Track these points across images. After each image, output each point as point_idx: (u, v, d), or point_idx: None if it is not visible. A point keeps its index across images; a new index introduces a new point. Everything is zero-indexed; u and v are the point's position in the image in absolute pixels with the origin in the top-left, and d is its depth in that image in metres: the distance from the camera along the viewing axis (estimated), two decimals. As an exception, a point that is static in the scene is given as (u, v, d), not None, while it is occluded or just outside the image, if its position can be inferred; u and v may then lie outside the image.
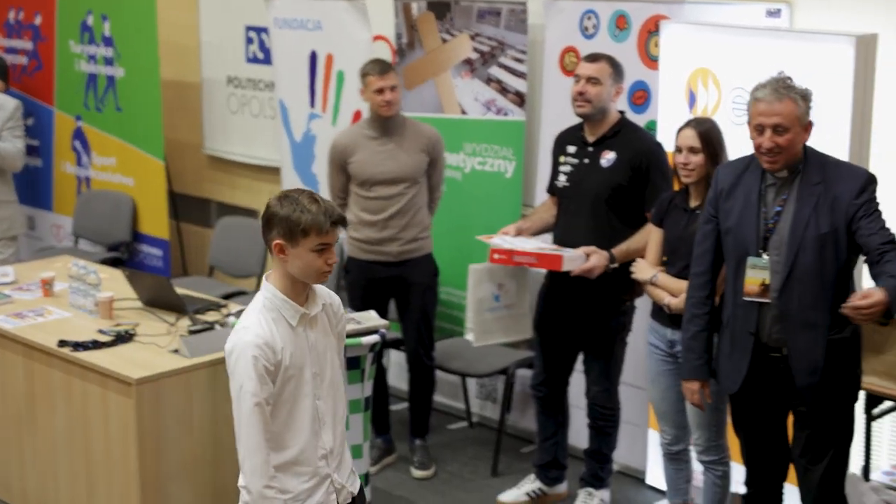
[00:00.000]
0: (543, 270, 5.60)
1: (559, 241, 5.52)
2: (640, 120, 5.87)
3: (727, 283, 4.57)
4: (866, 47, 4.96)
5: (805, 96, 4.32)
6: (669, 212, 5.07)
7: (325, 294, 3.82)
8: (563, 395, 5.83)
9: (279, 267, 3.65)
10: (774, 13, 5.55)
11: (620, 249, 5.35)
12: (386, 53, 7.08)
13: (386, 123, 6.04)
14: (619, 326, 5.56)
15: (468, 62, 6.69)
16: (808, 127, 4.35)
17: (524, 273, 5.70)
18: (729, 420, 4.88)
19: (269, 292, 3.66)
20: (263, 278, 3.70)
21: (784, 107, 4.28)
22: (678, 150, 4.93)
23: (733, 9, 5.63)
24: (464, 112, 6.77)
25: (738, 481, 5.10)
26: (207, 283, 7.52)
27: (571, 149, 5.54)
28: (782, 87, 4.31)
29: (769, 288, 4.39)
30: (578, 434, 5.99)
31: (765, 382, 4.50)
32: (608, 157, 5.41)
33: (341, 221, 3.61)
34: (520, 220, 5.71)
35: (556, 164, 5.62)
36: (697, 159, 4.89)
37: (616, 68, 5.42)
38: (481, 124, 6.66)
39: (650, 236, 5.18)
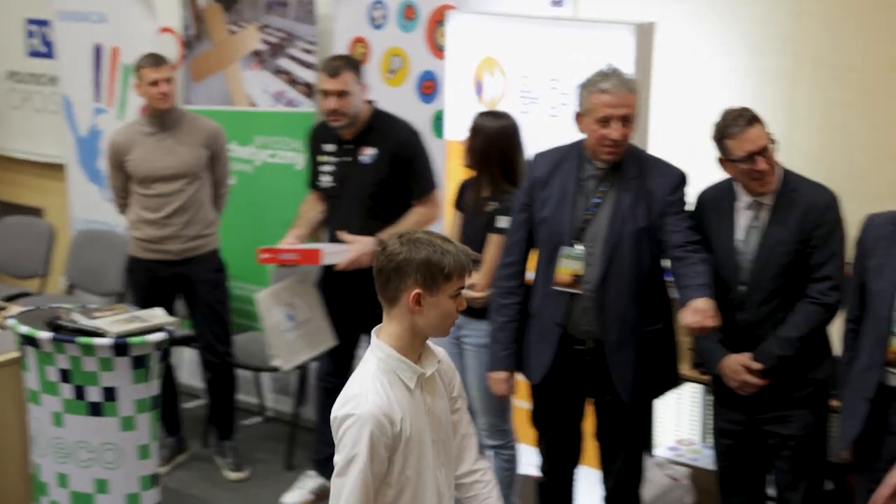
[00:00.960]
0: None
1: (336, 242, 5.46)
2: (428, 110, 5.93)
3: (538, 273, 4.58)
4: (645, 35, 5.10)
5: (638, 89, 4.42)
6: (463, 195, 5.13)
7: (438, 350, 3.32)
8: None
9: (403, 321, 3.13)
10: (558, 2, 5.68)
11: (387, 233, 5.25)
12: (173, 46, 6.95)
13: (163, 118, 5.92)
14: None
15: (257, 54, 6.63)
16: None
17: (310, 286, 5.68)
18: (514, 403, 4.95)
19: (382, 352, 3.16)
20: (373, 335, 3.22)
21: (632, 98, 4.35)
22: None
23: (518, -2, 5.73)
24: (253, 104, 6.70)
25: (526, 462, 5.18)
26: (-12, 285, 7.26)
27: (329, 147, 5.50)
28: (625, 77, 4.37)
29: (581, 279, 4.44)
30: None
31: (568, 374, 4.56)
32: (369, 154, 5.39)
33: (478, 259, 3.27)
34: (296, 229, 5.60)
35: (315, 163, 5.58)
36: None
37: (356, 68, 5.41)
38: (271, 116, 6.60)
39: (452, 223, 5.20)
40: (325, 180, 5.52)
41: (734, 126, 4.26)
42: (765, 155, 4.24)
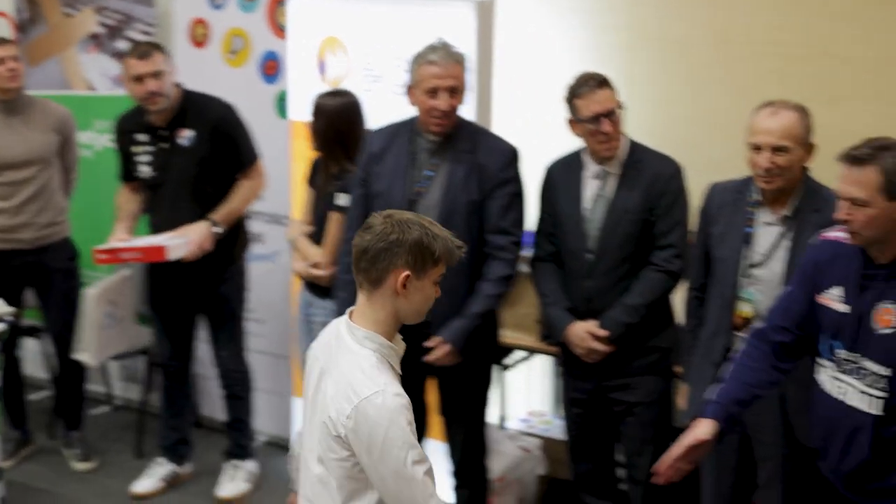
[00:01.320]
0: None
1: (166, 230, 5.33)
2: (271, 91, 5.89)
3: None
4: (485, 12, 5.15)
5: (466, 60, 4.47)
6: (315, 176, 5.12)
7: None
8: (189, 368, 5.78)
9: (386, 304, 3.00)
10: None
11: (220, 212, 5.31)
12: (6, 30, 6.76)
13: (12, 103, 5.73)
14: (232, 289, 5.54)
15: (94, 37, 6.50)
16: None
17: (131, 284, 5.60)
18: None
19: (375, 342, 3.01)
20: (349, 322, 3.05)
21: (459, 69, 4.39)
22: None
23: (358, -23, 5.73)
24: (92, 88, 6.56)
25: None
26: None
27: (142, 137, 5.39)
28: (453, 50, 4.41)
29: None
30: (215, 407, 5.95)
31: (407, 349, 4.56)
32: (186, 136, 5.30)
33: (462, 247, 3.10)
34: (122, 222, 5.47)
35: (127, 155, 5.46)
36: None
37: (163, 50, 5.34)
38: (111, 100, 6.45)
39: (307, 200, 5.19)
40: (144, 171, 5.39)
41: (584, 87, 4.35)
42: (611, 118, 4.34)
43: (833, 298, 3.44)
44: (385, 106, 5.26)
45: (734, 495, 4.27)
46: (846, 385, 3.42)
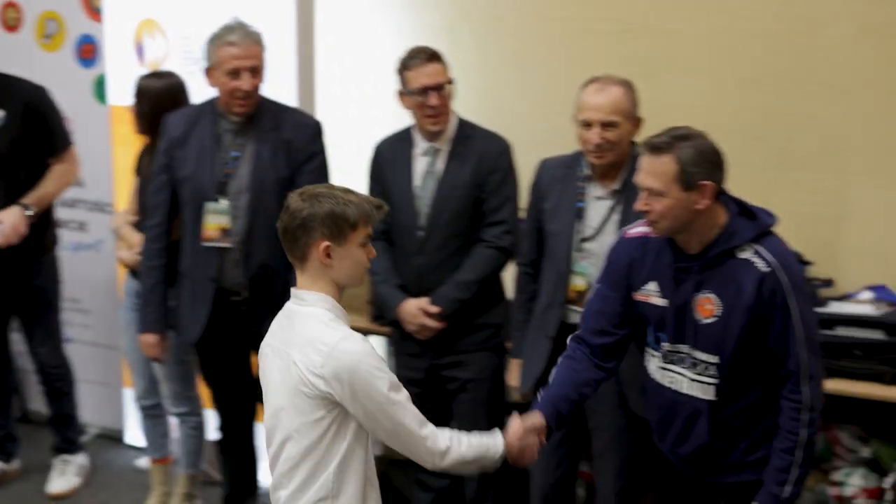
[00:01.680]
0: None
1: None
2: (89, 74, 5.76)
3: (185, 232, 4.53)
4: (306, -3, 5.12)
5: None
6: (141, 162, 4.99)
7: None
8: (9, 363, 5.62)
9: (320, 276, 3.07)
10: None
11: (32, 196, 5.14)
12: None
13: None
14: (47, 281, 5.38)
15: None
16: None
17: None
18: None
19: (327, 302, 3.07)
20: (297, 293, 3.11)
21: (258, 49, 4.37)
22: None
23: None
24: None
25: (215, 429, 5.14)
26: None
27: None
28: (250, 30, 4.38)
29: (229, 232, 4.44)
30: (41, 401, 5.78)
31: (227, 328, 4.55)
32: None
33: (381, 205, 3.12)
34: None
35: None
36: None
37: None
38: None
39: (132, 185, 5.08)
40: None
41: (415, 59, 4.38)
42: (440, 92, 4.36)
43: (650, 294, 3.46)
44: (206, 88, 5.17)
45: (568, 466, 4.34)
46: (676, 374, 3.48)
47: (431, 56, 4.39)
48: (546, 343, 4.15)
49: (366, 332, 5.21)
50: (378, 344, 5.70)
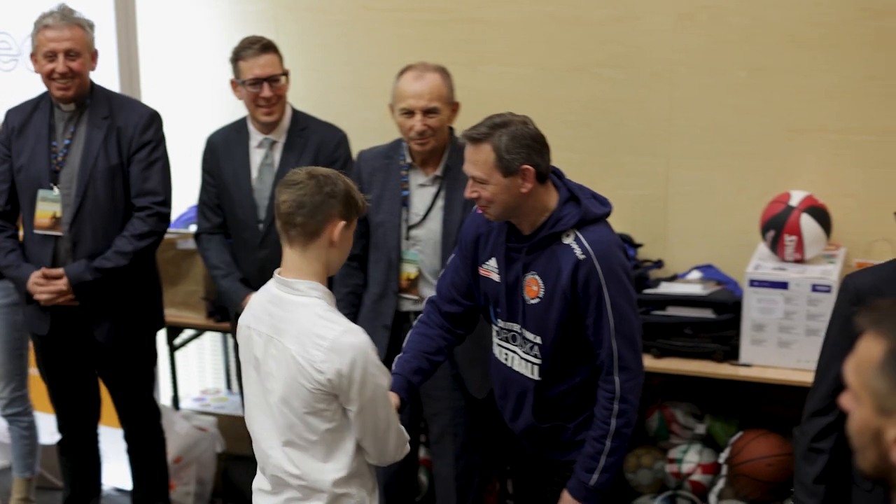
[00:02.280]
0: None
1: None
2: None
3: (24, 222, 4.48)
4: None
5: (91, 25, 4.39)
6: None
7: None
8: None
9: (319, 257, 3.00)
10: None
11: None
12: None
13: None
14: None
15: None
16: (94, 56, 4.40)
17: None
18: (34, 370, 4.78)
19: (318, 289, 3.01)
20: (286, 280, 3.02)
21: (76, 32, 4.31)
22: None
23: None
24: None
25: (49, 431, 5.02)
26: None
27: None
28: (70, 14, 4.32)
29: (61, 221, 4.38)
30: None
31: (67, 320, 4.45)
32: None
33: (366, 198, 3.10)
34: None
35: None
36: None
37: None
38: None
39: None
40: None
41: (248, 49, 4.36)
42: (272, 84, 4.33)
43: (491, 270, 3.52)
44: (25, 85, 5.02)
45: (408, 454, 4.33)
46: (509, 352, 3.54)
47: (265, 47, 4.37)
48: (384, 333, 4.16)
49: (202, 329, 5.21)
50: (215, 340, 5.66)
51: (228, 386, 5.71)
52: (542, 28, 4.83)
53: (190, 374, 5.73)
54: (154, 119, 4.46)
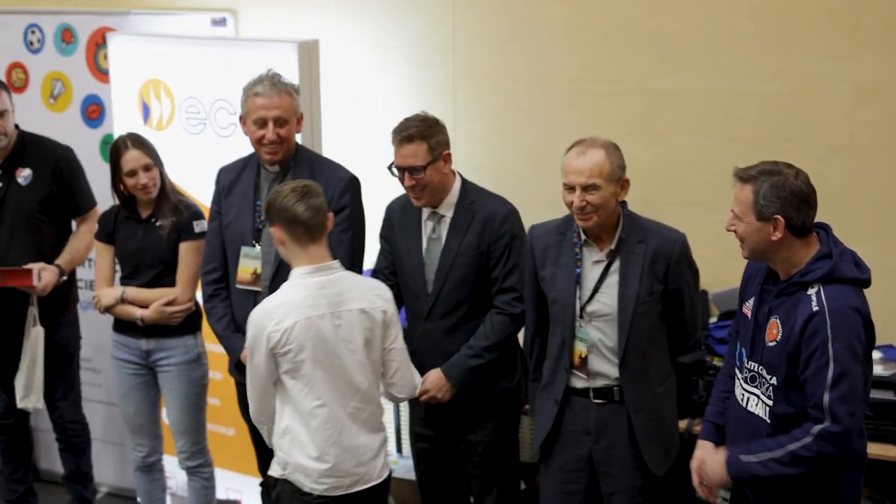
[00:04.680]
0: None
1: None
2: (95, 135, 5.79)
3: (229, 275, 4.66)
4: (308, 52, 5.11)
5: (297, 90, 4.53)
6: (118, 226, 5.00)
7: None
8: (26, 421, 5.63)
9: (326, 242, 3.98)
10: (220, 22, 5.63)
11: (65, 259, 5.27)
12: None
13: None
14: (69, 336, 5.45)
15: None
16: (300, 119, 4.54)
17: None
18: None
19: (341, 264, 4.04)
20: (328, 266, 3.94)
21: (285, 100, 4.45)
22: (132, 172, 4.87)
23: (179, 18, 5.65)
24: None
25: (225, 486, 5.14)
26: None
27: None
28: (279, 81, 4.48)
29: (261, 277, 4.53)
30: (54, 460, 5.81)
31: None
32: (24, 175, 5.24)
33: None
34: None
35: None
36: (153, 174, 4.87)
37: (6, 88, 5.26)
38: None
39: (98, 255, 5.09)
40: None
41: (394, 137, 4.36)
42: (415, 174, 4.31)
43: (749, 308, 3.72)
44: (211, 149, 5.20)
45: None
46: (748, 394, 3.69)
47: (408, 137, 4.32)
48: (552, 407, 4.16)
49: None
50: (386, 404, 5.70)
51: (399, 449, 5.75)
52: (718, 100, 4.81)
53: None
54: (352, 184, 4.57)
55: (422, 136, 4.30)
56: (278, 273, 4.47)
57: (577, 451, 4.15)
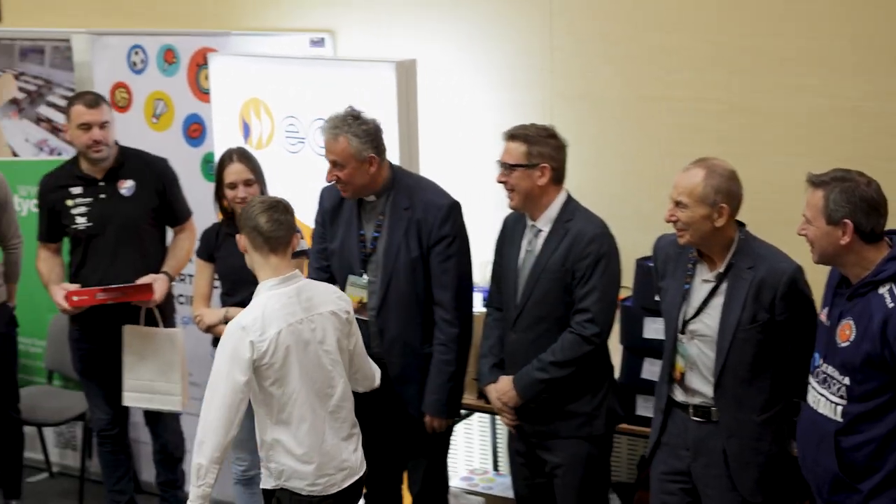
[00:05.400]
0: None
1: (105, 282, 5.28)
2: (196, 153, 5.89)
3: None
4: (406, 71, 5.17)
5: (360, 133, 4.49)
6: (220, 244, 5.08)
7: None
8: (127, 431, 5.75)
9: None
10: (318, 42, 5.71)
11: (171, 266, 5.41)
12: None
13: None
14: None
15: (14, 102, 6.45)
16: (370, 160, 4.51)
17: None
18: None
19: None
20: (292, 276, 4.09)
21: (336, 145, 4.49)
22: (233, 185, 4.95)
23: (279, 39, 5.74)
24: (15, 154, 6.50)
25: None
26: None
27: (77, 189, 5.36)
28: (333, 124, 4.51)
29: (367, 306, 4.60)
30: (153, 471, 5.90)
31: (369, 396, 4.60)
32: (127, 186, 5.36)
33: None
34: (56, 279, 5.42)
35: (57, 211, 5.39)
36: (254, 190, 4.95)
37: (108, 102, 5.42)
38: (35, 165, 6.38)
39: (197, 273, 5.19)
40: (81, 222, 5.35)
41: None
42: (504, 170, 4.36)
43: (824, 314, 3.80)
44: (310, 167, 5.27)
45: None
46: (820, 396, 3.75)
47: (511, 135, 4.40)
48: (658, 416, 4.23)
49: (472, 410, 5.26)
50: (485, 421, 5.73)
51: (496, 467, 5.77)
52: (820, 118, 4.78)
53: (458, 453, 5.82)
54: (451, 210, 4.59)
55: (525, 138, 4.35)
56: (385, 303, 4.57)
57: (676, 464, 4.18)
